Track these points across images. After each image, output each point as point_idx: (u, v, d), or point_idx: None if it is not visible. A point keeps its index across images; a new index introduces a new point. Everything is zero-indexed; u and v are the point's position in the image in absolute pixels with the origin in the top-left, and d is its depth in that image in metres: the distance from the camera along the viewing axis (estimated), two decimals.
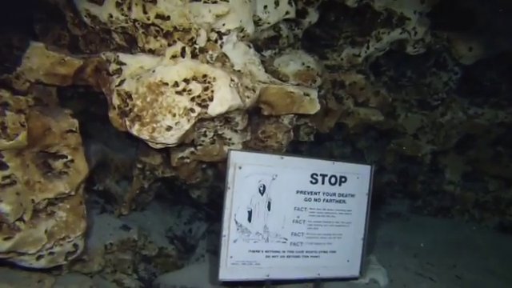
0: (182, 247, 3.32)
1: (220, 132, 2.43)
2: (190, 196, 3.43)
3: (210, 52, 2.16)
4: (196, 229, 3.50)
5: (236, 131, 2.45)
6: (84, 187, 2.29)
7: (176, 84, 1.95)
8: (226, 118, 2.34)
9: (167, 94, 1.94)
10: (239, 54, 2.25)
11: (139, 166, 2.80)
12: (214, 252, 3.05)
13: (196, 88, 1.96)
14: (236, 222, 2.39)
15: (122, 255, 2.91)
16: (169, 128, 1.96)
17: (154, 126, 1.95)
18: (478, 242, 3.77)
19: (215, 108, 2.01)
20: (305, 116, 2.68)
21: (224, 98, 2.00)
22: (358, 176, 2.69)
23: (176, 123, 1.96)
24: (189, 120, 1.98)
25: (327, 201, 2.60)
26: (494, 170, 4.15)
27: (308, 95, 2.47)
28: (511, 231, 4.05)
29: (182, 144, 2.42)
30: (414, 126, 3.87)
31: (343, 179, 2.64)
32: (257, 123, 2.65)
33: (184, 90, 1.96)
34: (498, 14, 3.40)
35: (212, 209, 3.55)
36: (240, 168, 2.36)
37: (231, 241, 2.38)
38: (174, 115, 1.95)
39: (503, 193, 4.17)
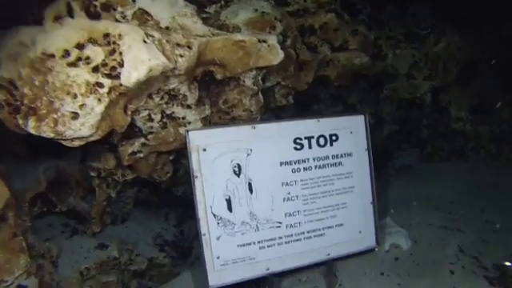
0: (174, 253, 2.77)
1: (168, 112, 1.79)
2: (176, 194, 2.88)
3: (120, 9, 1.51)
4: (187, 229, 2.95)
5: (189, 107, 1.82)
6: (14, 214, 1.74)
7: (66, 53, 1.29)
8: (168, 93, 1.72)
9: (57, 70, 1.28)
10: (163, 8, 1.59)
11: (93, 174, 2.20)
12: None
13: (96, 54, 1.30)
14: (214, 216, 1.86)
15: (106, 277, 2.40)
16: (74, 116, 1.31)
17: (55, 116, 1.31)
18: (501, 180, 3.13)
19: (130, 75, 1.34)
20: (270, 70, 2.04)
21: (138, 59, 1.33)
22: (352, 130, 2.13)
23: (81, 106, 1.31)
24: (100, 99, 1.33)
25: (320, 167, 2.05)
26: (504, 97, 3.48)
27: (265, 42, 1.82)
28: None
29: (125, 137, 1.84)
30: (406, 63, 3.15)
31: (334, 138, 2.08)
32: (216, 93, 2.01)
33: (79, 58, 1.30)
34: None
35: None
36: (204, 150, 1.82)
37: (214, 239, 1.86)
38: (75, 96, 1.29)
39: None
